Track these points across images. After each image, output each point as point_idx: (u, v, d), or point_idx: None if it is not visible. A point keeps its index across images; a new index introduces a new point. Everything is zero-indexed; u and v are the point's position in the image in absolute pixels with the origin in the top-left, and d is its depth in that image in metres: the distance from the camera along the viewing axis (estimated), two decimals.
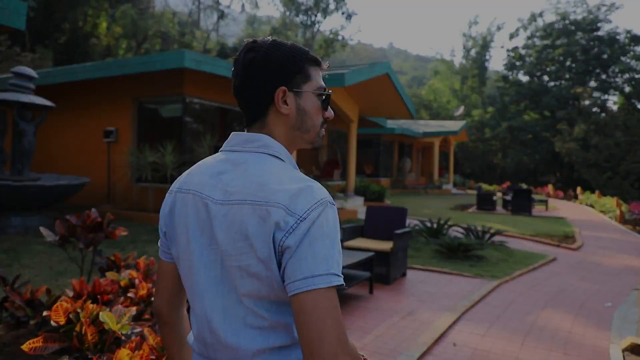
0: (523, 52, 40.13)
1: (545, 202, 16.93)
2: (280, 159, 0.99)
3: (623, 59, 35.28)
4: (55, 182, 7.88)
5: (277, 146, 1.00)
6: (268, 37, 1.03)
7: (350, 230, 5.84)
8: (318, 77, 1.05)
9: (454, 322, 4.30)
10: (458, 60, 55.97)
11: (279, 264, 0.87)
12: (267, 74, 0.98)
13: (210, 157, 1.04)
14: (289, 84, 1.00)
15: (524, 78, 40.48)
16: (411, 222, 9.03)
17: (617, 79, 36.32)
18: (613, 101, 37.82)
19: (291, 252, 0.84)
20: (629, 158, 30.11)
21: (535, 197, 18.81)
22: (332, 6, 35.67)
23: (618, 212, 14.40)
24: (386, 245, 5.55)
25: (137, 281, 3.15)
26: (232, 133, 1.03)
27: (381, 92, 12.90)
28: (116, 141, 10.36)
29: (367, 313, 4.51)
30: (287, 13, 35.42)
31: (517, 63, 39.98)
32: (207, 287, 0.95)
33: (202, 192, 0.97)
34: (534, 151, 35.95)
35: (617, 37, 35.95)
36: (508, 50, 40.78)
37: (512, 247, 8.35)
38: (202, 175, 0.99)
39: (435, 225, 8.34)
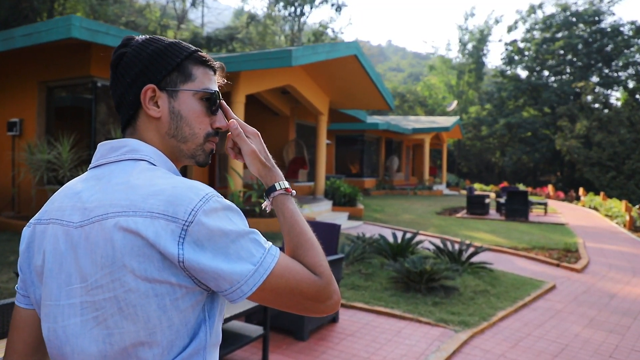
0: (522, 45, 38.25)
1: (544, 205, 15.04)
2: (151, 163, 0.84)
3: (627, 52, 33.32)
4: None
5: (148, 150, 0.85)
6: (146, 35, 0.90)
7: None
8: (205, 79, 0.89)
9: None
10: (454, 54, 54.13)
11: (190, 276, 0.75)
12: (135, 70, 0.86)
13: (77, 177, 0.89)
14: (161, 82, 0.86)
15: (523, 73, 38.61)
16: (376, 233, 7.20)
17: (620, 74, 34.41)
18: (616, 97, 35.92)
19: (203, 267, 0.73)
20: (634, 156, 28.26)
21: (534, 199, 16.92)
22: None
23: (627, 217, 12.52)
24: None
25: None
26: (99, 144, 0.87)
27: (352, 79, 11.05)
28: (20, 135, 8.53)
29: None
30: (274, 4, 33.52)
31: (516, 57, 38.09)
32: (66, 340, 0.78)
33: (62, 218, 0.81)
34: (533, 149, 34.09)
35: (621, 28, 34.03)
36: (506, 44, 38.92)
37: (498, 268, 6.50)
38: (63, 199, 0.84)
39: (399, 241, 6.45)
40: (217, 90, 0.91)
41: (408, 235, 6.63)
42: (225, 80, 0.98)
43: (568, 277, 6.49)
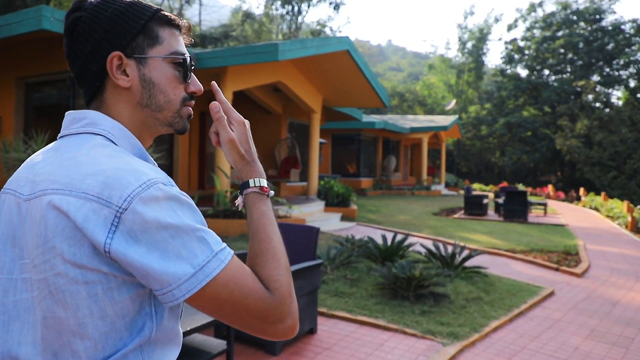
0: (522, 44, 37.89)
1: (544, 205, 14.69)
2: (107, 138, 0.77)
3: (628, 50, 32.93)
4: None
5: (108, 124, 0.78)
6: None
7: None
8: (173, 40, 0.82)
9: None
10: (453, 54, 53.68)
11: (124, 266, 0.67)
12: (95, 36, 0.77)
13: (45, 147, 0.83)
14: (127, 49, 0.79)
15: (523, 72, 38.24)
16: (368, 235, 6.84)
17: (621, 72, 34.04)
18: (617, 96, 35.55)
19: (131, 261, 0.65)
20: (635, 156, 27.90)
21: (533, 199, 16.58)
22: None
23: (629, 218, 12.17)
24: None
25: None
26: (66, 113, 0.82)
27: (345, 75, 10.71)
28: None
29: None
30: (271, 3, 33.18)
31: (516, 56, 37.74)
32: (16, 315, 0.73)
33: (17, 190, 0.77)
34: (533, 149, 33.73)
35: (622, 27, 33.66)
36: (506, 43, 38.56)
37: (493, 272, 6.16)
38: (22, 170, 0.79)
39: (389, 244, 6.10)
40: (187, 53, 0.84)
41: (399, 238, 6.29)
42: (193, 40, 0.90)
43: (567, 282, 6.14)
